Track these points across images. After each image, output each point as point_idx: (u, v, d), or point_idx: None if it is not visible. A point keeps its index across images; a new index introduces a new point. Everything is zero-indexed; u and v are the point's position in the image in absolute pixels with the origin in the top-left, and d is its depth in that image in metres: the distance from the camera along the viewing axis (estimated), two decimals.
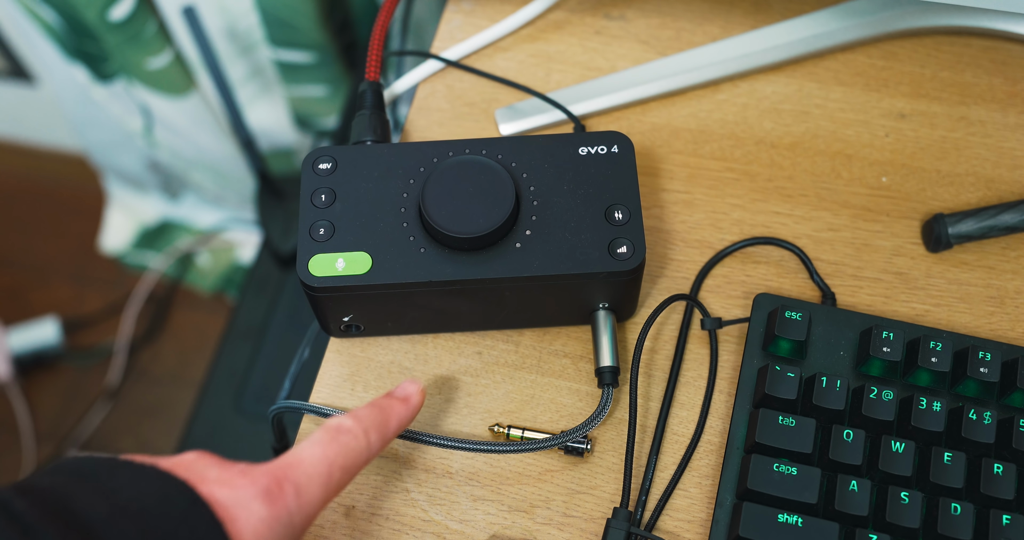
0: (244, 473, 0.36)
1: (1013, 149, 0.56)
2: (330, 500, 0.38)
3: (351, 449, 0.39)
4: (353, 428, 0.39)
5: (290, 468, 0.37)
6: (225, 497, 0.34)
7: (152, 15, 0.90)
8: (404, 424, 0.42)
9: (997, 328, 0.51)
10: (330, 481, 0.37)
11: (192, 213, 1.36)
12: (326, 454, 0.38)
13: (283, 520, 0.35)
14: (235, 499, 0.35)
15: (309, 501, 0.37)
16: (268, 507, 0.35)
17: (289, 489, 0.36)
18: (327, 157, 0.49)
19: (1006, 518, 0.43)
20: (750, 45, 0.59)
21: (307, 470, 0.37)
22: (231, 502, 0.34)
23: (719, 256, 0.53)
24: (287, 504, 0.36)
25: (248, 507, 0.35)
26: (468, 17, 0.62)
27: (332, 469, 0.38)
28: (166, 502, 0.33)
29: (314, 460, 0.37)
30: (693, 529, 0.47)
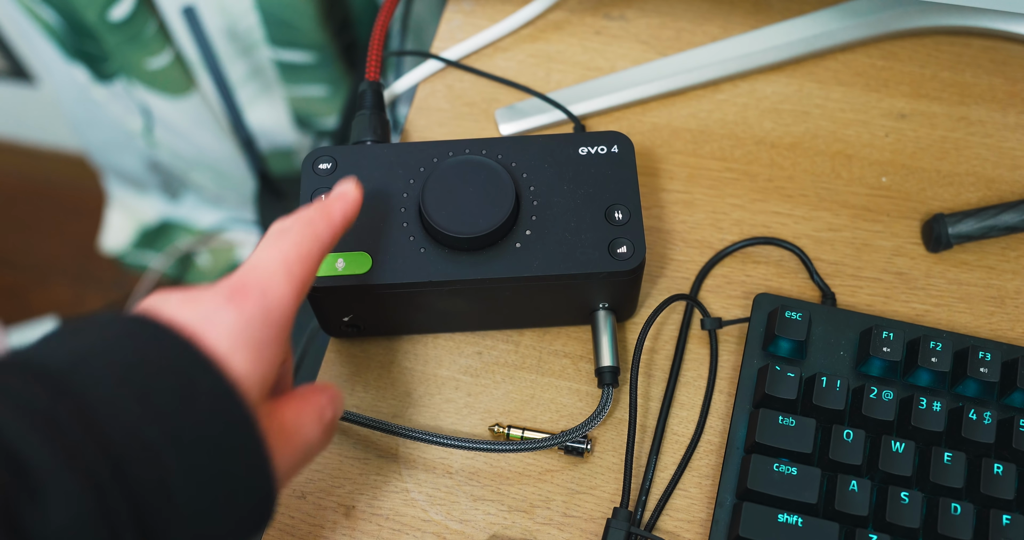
0: (205, 289, 0.35)
1: (1013, 149, 0.56)
2: (301, 293, 0.37)
3: (300, 240, 0.38)
4: (294, 223, 0.39)
5: (247, 273, 0.36)
6: (188, 316, 0.33)
7: (152, 15, 0.90)
8: (348, 214, 0.41)
9: (997, 328, 0.51)
10: (291, 273, 0.36)
11: (192, 213, 1.35)
12: (278, 249, 0.37)
13: (257, 319, 0.34)
14: (199, 315, 0.34)
15: (278, 296, 0.35)
16: (236, 312, 0.34)
17: (253, 290, 0.35)
18: (327, 157, 0.49)
19: (1006, 518, 0.43)
20: (750, 45, 0.59)
21: (265, 268, 0.36)
22: (195, 318, 0.33)
23: (719, 256, 0.53)
24: (255, 303, 0.35)
25: (215, 318, 0.34)
26: (468, 17, 0.62)
27: (289, 262, 0.37)
28: (129, 337, 0.32)
29: (268, 259, 0.37)
30: (693, 529, 0.47)
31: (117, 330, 0.33)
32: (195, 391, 0.31)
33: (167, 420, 0.30)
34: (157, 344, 0.32)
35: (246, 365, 0.33)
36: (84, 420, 0.29)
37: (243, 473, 0.32)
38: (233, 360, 0.33)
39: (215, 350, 0.33)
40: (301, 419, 0.37)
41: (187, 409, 0.31)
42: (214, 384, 0.32)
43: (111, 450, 0.29)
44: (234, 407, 0.32)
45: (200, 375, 0.32)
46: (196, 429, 0.31)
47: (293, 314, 0.37)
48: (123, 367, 0.31)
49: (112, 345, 0.32)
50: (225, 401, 0.32)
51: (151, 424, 0.30)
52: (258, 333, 0.34)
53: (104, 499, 0.28)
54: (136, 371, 0.31)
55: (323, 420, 0.38)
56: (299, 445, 0.36)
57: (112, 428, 0.30)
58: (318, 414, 0.38)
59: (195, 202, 1.34)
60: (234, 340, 0.33)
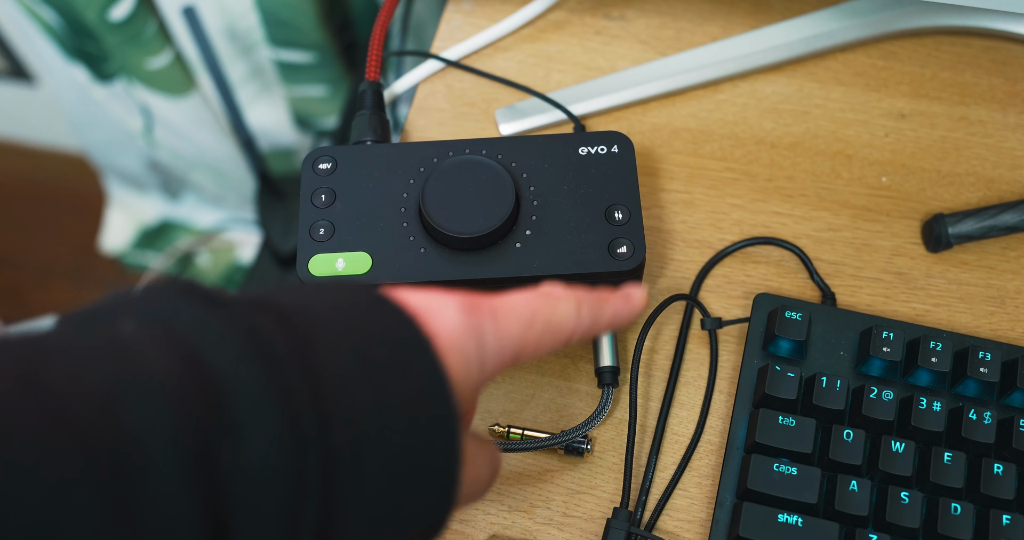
0: (440, 289, 0.33)
1: (1013, 149, 0.56)
2: (527, 352, 0.33)
3: (558, 309, 0.34)
4: (566, 294, 0.35)
5: (493, 299, 0.33)
6: (417, 300, 0.31)
7: (152, 15, 0.90)
8: (619, 320, 0.37)
9: (997, 328, 0.51)
10: (530, 326, 0.33)
11: (192, 213, 1.35)
12: (531, 301, 0.34)
13: (477, 334, 0.32)
14: (427, 302, 0.32)
15: (505, 330, 0.33)
16: (464, 316, 0.32)
17: (486, 310, 0.32)
18: (327, 157, 0.49)
19: (1006, 518, 0.43)
20: (750, 45, 0.59)
21: (509, 304, 0.33)
22: (422, 304, 0.31)
23: (719, 256, 0.53)
24: (483, 320, 0.32)
25: (443, 311, 0.31)
26: (468, 17, 0.62)
27: (535, 316, 0.33)
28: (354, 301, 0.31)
29: (518, 300, 0.34)
30: (693, 529, 0.47)
31: (344, 294, 0.31)
32: (410, 368, 0.29)
33: (379, 390, 0.28)
34: (382, 313, 0.30)
35: (458, 368, 0.31)
36: (305, 364, 0.27)
37: (432, 468, 0.30)
38: (450, 357, 0.31)
39: (436, 338, 0.31)
40: (480, 455, 0.35)
41: (398, 383, 0.29)
42: (431, 368, 0.30)
43: (322, 404, 0.27)
44: (444, 397, 0.30)
45: (418, 354, 0.30)
46: (402, 406, 0.29)
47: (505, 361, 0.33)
48: (346, 324, 0.29)
49: (337, 304, 0.30)
50: (437, 388, 0.30)
51: (364, 388, 0.28)
52: (477, 348, 0.32)
53: (304, 451, 0.26)
54: (358, 332, 0.29)
55: (493, 466, 0.36)
56: (473, 478, 0.33)
57: (328, 381, 0.28)
58: (492, 461, 0.35)
59: (195, 202, 1.34)
60: (454, 341, 0.31)
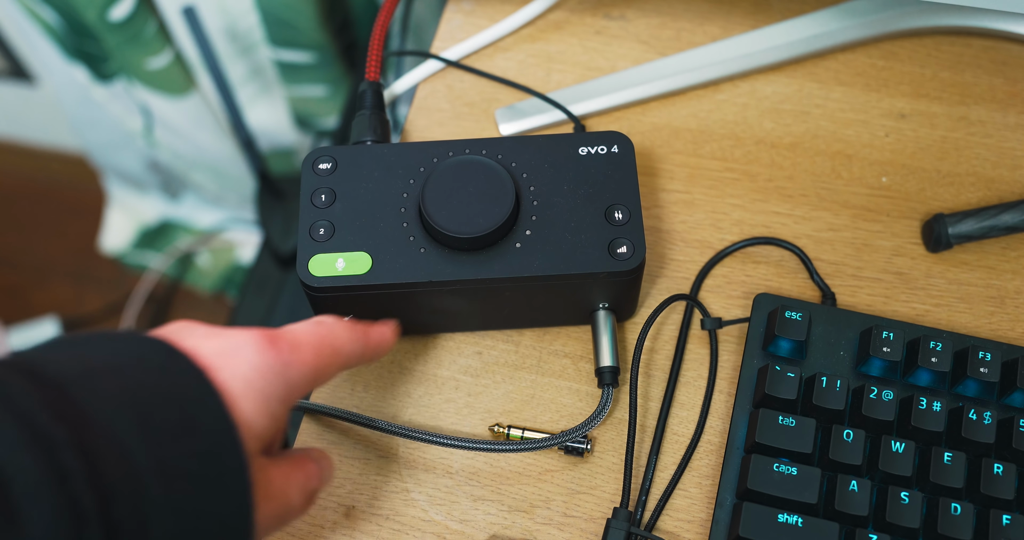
0: (236, 329, 0.34)
1: (1013, 149, 0.56)
2: (320, 375, 0.36)
3: (337, 334, 0.37)
4: (337, 322, 0.38)
5: (283, 330, 0.35)
6: (212, 347, 0.32)
7: (152, 15, 0.90)
8: (381, 350, 0.41)
9: (997, 328, 0.51)
10: (321, 352, 0.36)
11: (192, 213, 1.35)
12: (316, 330, 0.37)
13: (277, 369, 0.33)
14: (221, 348, 0.33)
15: (303, 360, 0.35)
16: (260, 355, 0.33)
17: (284, 343, 0.34)
18: (327, 157, 0.49)
19: (1006, 518, 0.43)
20: (750, 45, 0.59)
21: (300, 334, 0.36)
22: (215, 351, 0.32)
23: (719, 256, 0.53)
24: (281, 354, 0.34)
25: (237, 354, 0.33)
26: (468, 17, 0.62)
27: (322, 343, 0.36)
28: (141, 358, 0.31)
29: (305, 331, 0.36)
30: (693, 529, 0.47)
31: (132, 349, 0.32)
32: (195, 424, 0.30)
33: (161, 450, 0.29)
34: (169, 370, 0.31)
35: (253, 413, 0.32)
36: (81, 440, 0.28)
37: (224, 521, 0.31)
38: (242, 404, 0.32)
39: (227, 387, 0.32)
40: (289, 484, 0.36)
41: (184, 441, 0.30)
42: (216, 420, 0.31)
43: (101, 478, 0.28)
44: (232, 449, 0.31)
45: (205, 409, 0.31)
46: (187, 464, 0.30)
47: (307, 386, 0.36)
48: (129, 387, 0.30)
49: (123, 363, 0.31)
50: (224, 441, 0.31)
51: (145, 452, 0.29)
52: (273, 385, 0.33)
53: (83, 529, 0.27)
54: (141, 394, 0.30)
55: (307, 490, 0.37)
56: (280, 508, 0.35)
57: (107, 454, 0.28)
58: (305, 483, 0.37)
59: (195, 202, 1.34)
60: (248, 384, 0.33)
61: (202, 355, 0.32)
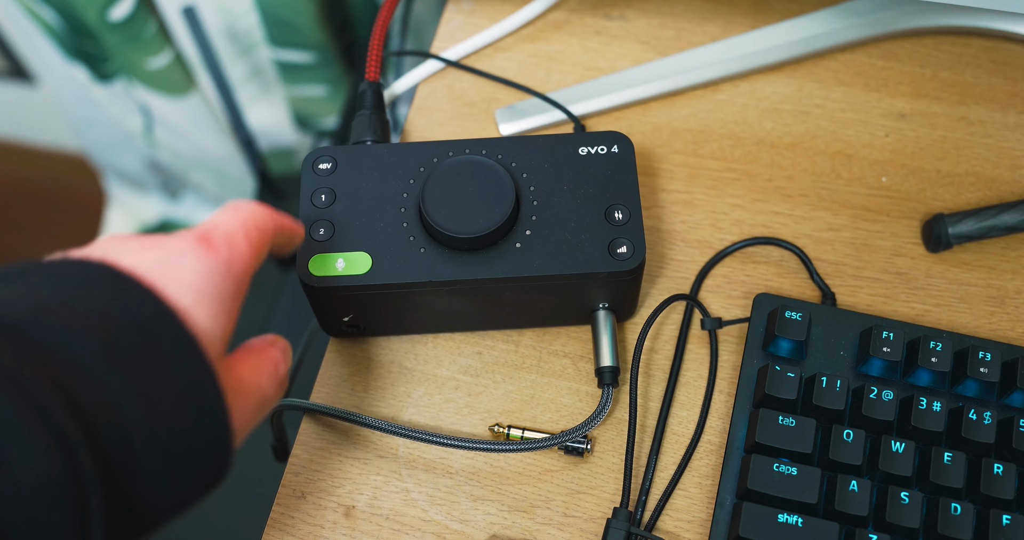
0: (166, 236, 0.34)
1: (1013, 149, 0.56)
2: (257, 259, 0.36)
3: (256, 212, 0.37)
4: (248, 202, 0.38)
5: (210, 228, 0.35)
6: (149, 262, 0.32)
7: (152, 15, 0.90)
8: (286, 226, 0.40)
9: (997, 328, 0.51)
10: (250, 236, 0.36)
11: (192, 213, 1.35)
12: (236, 216, 0.37)
13: (221, 269, 0.34)
14: (161, 261, 0.33)
15: (240, 251, 0.35)
16: (200, 259, 0.33)
17: (219, 240, 0.34)
18: (327, 157, 0.49)
19: (1006, 518, 0.43)
20: (750, 45, 0.59)
21: (228, 226, 0.36)
22: (157, 265, 0.32)
23: (719, 256, 0.53)
24: (220, 253, 0.34)
25: (178, 264, 0.33)
26: (468, 17, 0.62)
27: (248, 227, 0.36)
28: (86, 286, 0.31)
29: (228, 220, 0.36)
30: (693, 529, 0.47)
31: (74, 277, 0.31)
32: (158, 344, 0.31)
33: (131, 373, 0.30)
34: (118, 293, 0.31)
35: (208, 319, 0.33)
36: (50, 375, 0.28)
37: (204, 429, 0.31)
38: (195, 313, 0.32)
39: (177, 302, 0.32)
40: (258, 375, 0.36)
41: (150, 362, 0.30)
42: (177, 337, 0.31)
43: (79, 407, 0.28)
44: (196, 363, 0.31)
45: (163, 329, 0.31)
46: (159, 383, 0.30)
47: (251, 274, 0.36)
48: (85, 317, 0.30)
49: (71, 293, 0.31)
50: (188, 356, 0.31)
51: (116, 378, 0.29)
52: (221, 286, 0.34)
53: (73, 456, 0.27)
54: (99, 322, 0.30)
55: (277, 375, 0.38)
56: (255, 401, 0.36)
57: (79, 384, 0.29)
58: (273, 369, 0.37)
59: (195, 202, 1.34)
60: (197, 291, 0.33)
61: (144, 272, 0.32)
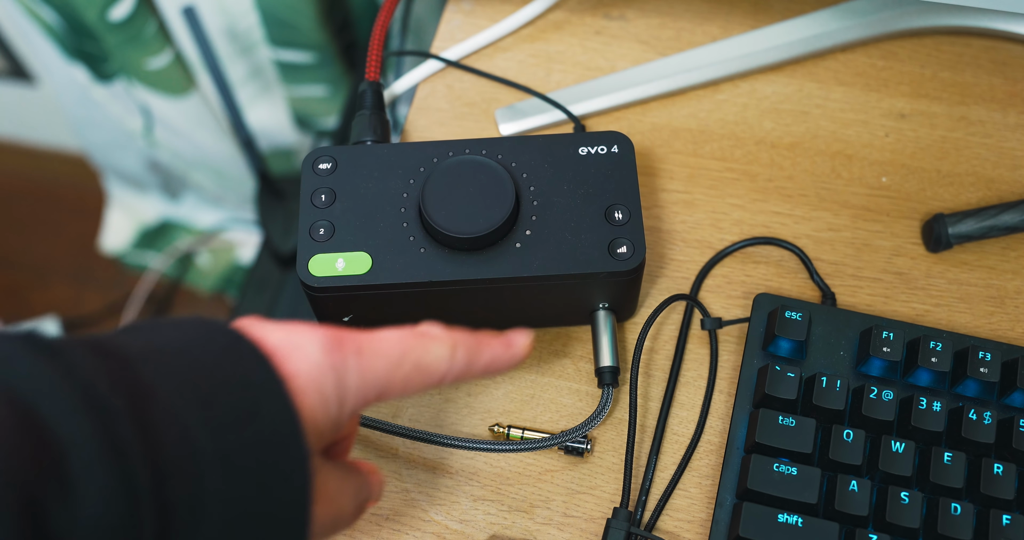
0: (304, 324, 0.32)
1: (1013, 149, 0.56)
2: (395, 389, 0.33)
3: (431, 351, 0.34)
4: (442, 335, 0.35)
5: (360, 335, 0.33)
6: (278, 338, 0.31)
7: (152, 15, 0.90)
8: (497, 365, 0.36)
9: (997, 328, 0.51)
10: (399, 367, 0.33)
11: (192, 213, 1.35)
12: (404, 341, 0.33)
13: (338, 372, 0.31)
14: (288, 340, 0.31)
15: (370, 367, 0.32)
16: (325, 354, 0.31)
17: (351, 346, 0.32)
18: (327, 157, 0.49)
19: (1006, 518, 0.43)
20: (750, 45, 0.59)
21: (378, 343, 0.33)
22: (282, 342, 0.31)
23: (719, 256, 0.53)
24: (345, 358, 0.32)
25: (303, 348, 0.31)
26: (468, 17, 0.62)
27: (405, 356, 0.33)
28: (207, 341, 0.30)
29: (389, 339, 0.33)
30: (693, 529, 0.47)
31: (201, 332, 0.31)
32: (259, 410, 0.29)
33: (223, 434, 0.28)
34: (234, 353, 0.30)
35: (314, 409, 0.31)
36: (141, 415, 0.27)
37: (281, 513, 0.29)
38: (305, 397, 0.31)
39: (291, 378, 0.31)
40: (344, 489, 0.35)
41: (246, 427, 0.29)
42: (280, 409, 0.29)
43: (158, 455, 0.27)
44: (293, 439, 0.30)
45: (269, 395, 0.30)
46: (248, 450, 0.28)
47: (367, 401, 0.33)
48: (194, 368, 0.29)
49: (190, 345, 0.30)
50: (286, 430, 0.29)
51: (205, 434, 0.28)
52: (337, 386, 0.32)
53: (137, 505, 0.26)
54: (206, 375, 0.29)
55: (360, 499, 0.36)
56: (333, 513, 0.34)
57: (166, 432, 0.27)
58: (358, 491, 0.36)
59: (195, 202, 1.34)
60: (311, 379, 0.31)
61: (268, 343, 0.31)
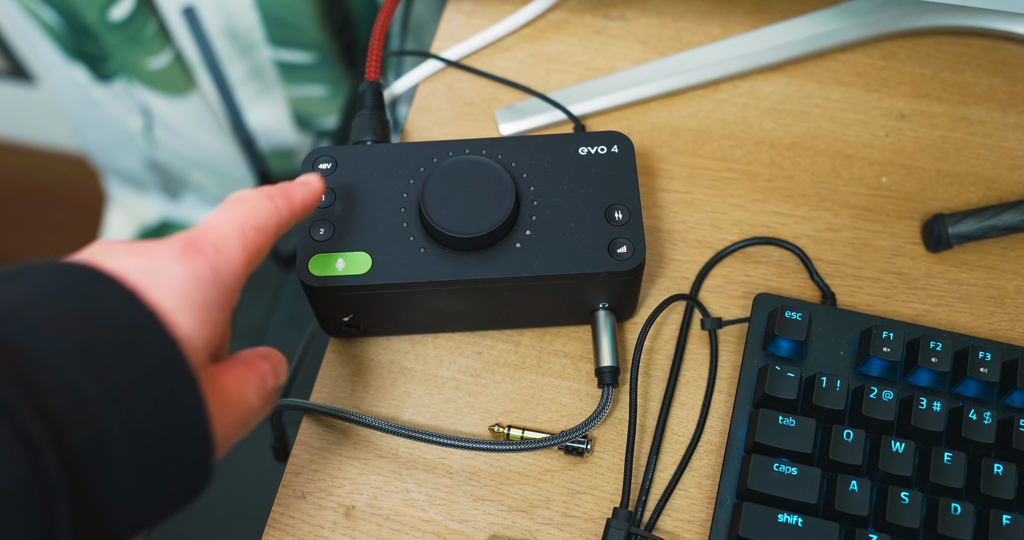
0: (154, 242, 0.33)
1: (1013, 149, 0.56)
2: (252, 260, 0.36)
3: (258, 210, 0.37)
4: (255, 194, 0.38)
5: (201, 232, 0.35)
6: (135, 267, 0.32)
7: (152, 15, 0.90)
8: (308, 200, 0.40)
9: (997, 328, 0.51)
10: (246, 239, 0.36)
11: (192, 213, 1.35)
12: (234, 216, 0.36)
13: (208, 277, 0.33)
14: (146, 266, 0.32)
15: (230, 257, 0.34)
16: (186, 266, 0.33)
17: (207, 247, 0.34)
18: (327, 157, 0.49)
19: (1006, 518, 0.43)
20: (750, 45, 0.59)
21: (219, 230, 0.35)
22: (142, 270, 0.32)
23: (719, 256, 0.53)
24: (208, 260, 0.33)
25: (164, 270, 0.32)
26: (468, 17, 0.62)
27: (244, 228, 0.36)
28: (70, 286, 0.30)
29: (223, 221, 0.36)
30: (693, 529, 0.47)
31: (57, 278, 0.31)
32: (137, 348, 0.30)
33: (106, 376, 0.29)
34: (99, 295, 0.31)
35: (191, 325, 0.32)
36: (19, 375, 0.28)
37: (181, 438, 0.31)
38: (178, 318, 0.32)
39: (160, 306, 0.31)
40: (243, 387, 0.36)
41: (127, 366, 0.29)
42: (157, 341, 0.30)
43: (47, 408, 0.27)
44: (176, 367, 0.30)
45: (143, 331, 0.30)
46: (135, 388, 0.29)
47: (242, 280, 0.36)
48: (62, 318, 0.29)
49: (52, 294, 0.30)
50: (167, 360, 0.30)
51: (89, 380, 0.29)
52: (206, 293, 0.33)
53: (38, 462, 0.27)
54: (76, 323, 0.29)
55: (265, 389, 0.37)
56: (239, 413, 0.35)
57: (48, 384, 0.28)
58: (260, 382, 0.37)
59: (195, 202, 1.34)
60: (181, 298, 0.32)
61: (128, 276, 0.32)
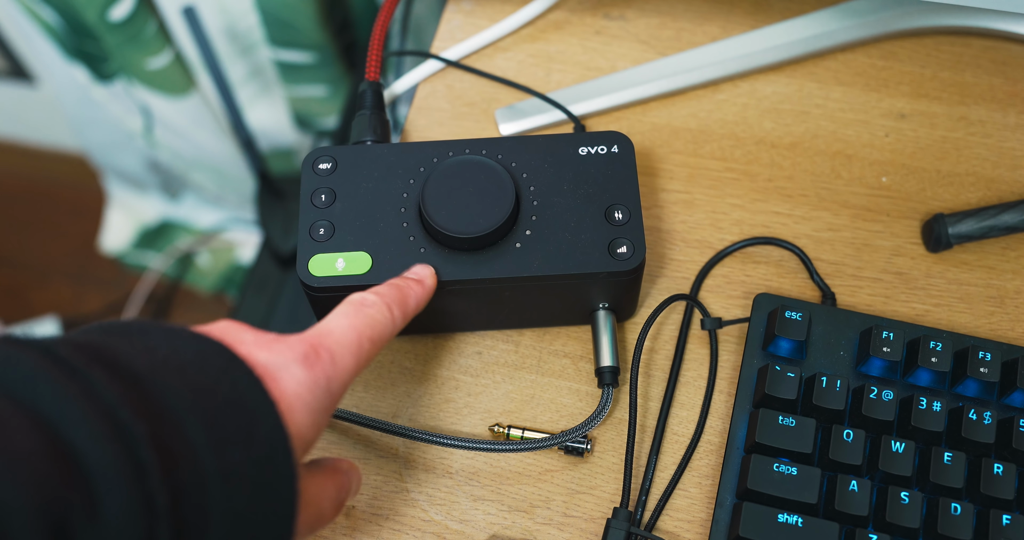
0: (280, 339, 0.36)
1: (1013, 149, 0.56)
2: (360, 370, 0.38)
3: (376, 321, 0.39)
4: (376, 302, 0.40)
5: (323, 337, 0.37)
6: (264, 359, 0.34)
7: (152, 15, 0.90)
8: (420, 304, 0.43)
9: (997, 328, 0.51)
10: (360, 351, 0.38)
11: (192, 213, 1.35)
12: (354, 325, 0.38)
13: (321, 384, 0.35)
14: (274, 361, 0.34)
15: (344, 368, 0.37)
16: (307, 371, 0.35)
17: (325, 355, 0.36)
18: (327, 157, 0.49)
19: (1006, 518, 0.43)
20: (750, 45, 0.59)
21: (339, 339, 0.37)
22: (270, 364, 0.34)
23: (719, 256, 0.53)
24: (324, 369, 0.36)
25: (288, 369, 0.34)
26: (468, 17, 0.62)
27: (361, 339, 0.38)
28: (204, 359, 0.32)
29: (344, 330, 0.38)
30: (693, 529, 0.47)
31: (194, 348, 0.33)
32: (254, 432, 0.32)
33: (223, 454, 0.31)
34: (230, 375, 0.32)
35: (302, 425, 0.34)
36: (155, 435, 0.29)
37: (272, 524, 0.32)
38: (294, 416, 0.34)
39: (281, 400, 0.33)
40: (322, 494, 0.38)
41: (244, 448, 0.31)
42: (273, 431, 0.32)
43: (173, 477, 0.29)
44: (284, 460, 0.32)
45: (263, 419, 0.32)
46: (246, 471, 0.31)
47: (349, 386, 0.38)
48: (195, 388, 0.31)
49: (189, 362, 0.32)
50: (278, 451, 0.32)
51: (210, 455, 0.30)
52: (319, 398, 0.35)
53: (156, 524, 0.28)
54: (207, 396, 0.31)
55: (339, 500, 0.39)
56: (312, 517, 0.37)
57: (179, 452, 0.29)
58: (337, 494, 0.39)
59: (195, 202, 1.34)
60: (298, 398, 0.34)
61: (257, 364, 0.34)
